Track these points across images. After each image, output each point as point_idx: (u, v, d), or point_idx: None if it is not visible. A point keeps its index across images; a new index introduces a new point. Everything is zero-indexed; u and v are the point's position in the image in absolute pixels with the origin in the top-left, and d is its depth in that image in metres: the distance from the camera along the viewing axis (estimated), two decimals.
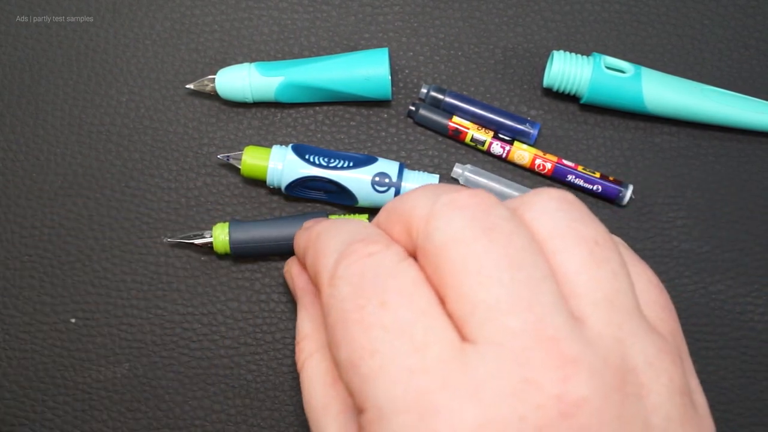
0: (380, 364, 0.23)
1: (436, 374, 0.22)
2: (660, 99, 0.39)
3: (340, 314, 0.25)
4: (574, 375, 0.21)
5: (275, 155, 0.39)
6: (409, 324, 0.23)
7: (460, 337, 0.23)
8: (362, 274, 0.25)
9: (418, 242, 0.25)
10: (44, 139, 0.41)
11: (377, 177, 0.38)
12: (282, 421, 0.40)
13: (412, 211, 0.26)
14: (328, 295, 0.26)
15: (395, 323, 0.23)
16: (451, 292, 0.23)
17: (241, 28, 0.42)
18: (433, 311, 0.23)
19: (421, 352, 0.22)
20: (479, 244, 0.23)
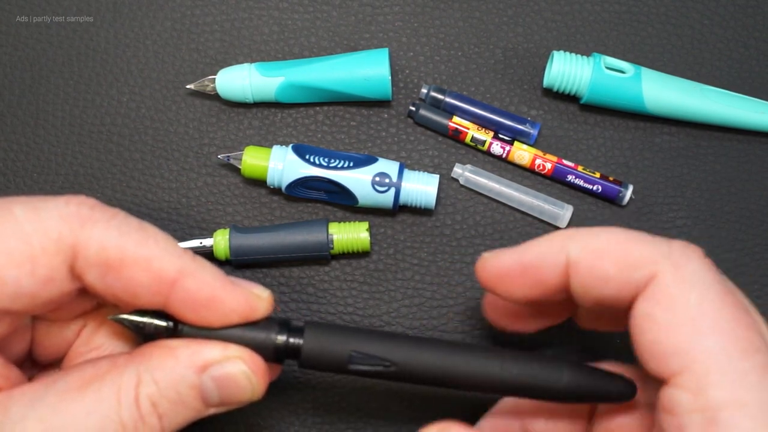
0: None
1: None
2: (660, 99, 0.39)
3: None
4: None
5: (275, 155, 0.39)
6: None
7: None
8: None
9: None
10: (44, 139, 0.41)
11: (377, 177, 0.38)
12: (282, 421, 0.40)
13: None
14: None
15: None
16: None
17: (241, 28, 0.42)
18: None
19: None
20: None
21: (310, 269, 0.40)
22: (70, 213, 0.27)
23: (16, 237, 0.26)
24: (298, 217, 0.41)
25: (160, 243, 0.28)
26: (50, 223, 0.26)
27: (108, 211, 0.28)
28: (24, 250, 0.26)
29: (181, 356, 0.28)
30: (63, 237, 0.26)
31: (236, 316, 0.28)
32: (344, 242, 0.39)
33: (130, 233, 0.27)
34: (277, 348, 0.29)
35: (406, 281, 0.40)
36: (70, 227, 0.26)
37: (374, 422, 0.39)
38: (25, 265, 0.26)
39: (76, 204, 0.27)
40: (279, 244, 0.39)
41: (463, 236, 0.41)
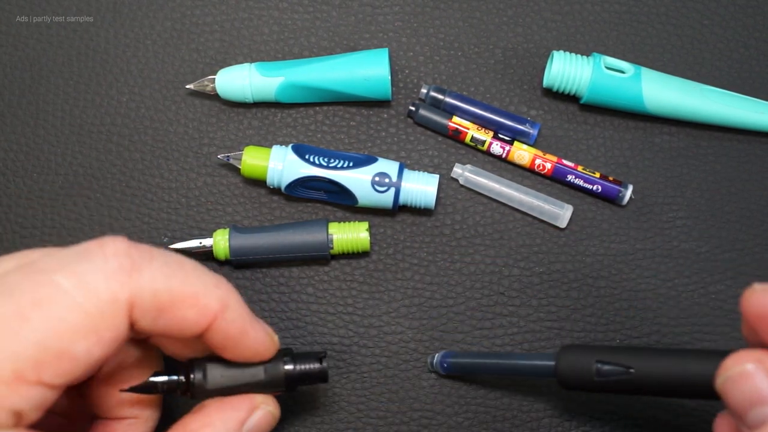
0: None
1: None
2: (660, 99, 0.39)
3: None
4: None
5: (275, 155, 0.39)
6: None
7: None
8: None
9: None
10: (44, 139, 0.41)
11: (377, 177, 0.38)
12: (282, 421, 0.40)
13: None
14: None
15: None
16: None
17: (241, 28, 0.42)
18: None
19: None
20: None
21: (310, 269, 0.40)
22: (113, 269, 0.26)
23: (73, 311, 0.25)
24: (298, 217, 0.41)
25: (201, 277, 0.29)
26: (100, 286, 0.26)
27: (146, 253, 0.27)
28: (85, 322, 0.25)
29: (220, 429, 0.31)
30: (117, 297, 0.26)
31: (261, 351, 0.31)
32: (344, 242, 0.39)
33: (174, 273, 0.28)
34: (288, 375, 0.33)
35: (406, 281, 0.40)
36: (120, 284, 0.26)
37: (374, 422, 0.39)
38: (91, 336, 0.26)
39: (113, 255, 0.27)
40: (279, 244, 0.39)
41: (463, 236, 0.41)
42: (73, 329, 0.25)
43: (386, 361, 0.40)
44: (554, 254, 0.40)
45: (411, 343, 0.40)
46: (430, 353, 0.40)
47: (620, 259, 0.40)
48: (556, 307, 0.40)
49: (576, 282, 0.40)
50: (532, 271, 0.40)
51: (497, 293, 0.40)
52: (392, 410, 0.39)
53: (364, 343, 0.40)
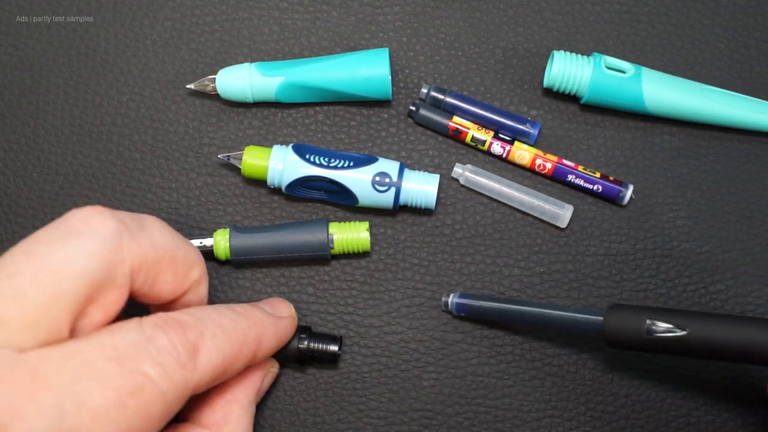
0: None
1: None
2: (660, 99, 0.39)
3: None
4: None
5: (276, 155, 0.39)
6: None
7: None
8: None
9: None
10: (44, 139, 0.41)
11: (377, 177, 0.38)
12: (282, 421, 0.40)
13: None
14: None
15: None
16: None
17: (241, 28, 0.42)
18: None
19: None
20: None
21: (310, 269, 0.40)
22: (182, 357, 0.28)
23: (158, 403, 0.27)
24: (298, 217, 0.41)
25: (239, 328, 0.31)
26: (178, 377, 0.27)
27: (194, 331, 0.29)
28: (162, 408, 0.27)
29: (245, 403, 0.34)
30: (188, 384, 0.28)
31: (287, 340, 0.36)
32: (344, 242, 0.39)
33: (223, 343, 0.30)
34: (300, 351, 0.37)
35: (406, 281, 0.40)
36: (190, 371, 0.28)
37: (374, 422, 0.39)
38: (164, 420, 0.27)
39: (176, 344, 0.28)
40: (279, 244, 0.39)
41: (463, 236, 0.41)
42: (157, 416, 0.27)
43: (386, 361, 0.40)
44: (554, 254, 0.40)
45: (411, 343, 0.40)
46: (430, 353, 0.40)
47: (620, 259, 0.40)
48: None
49: (576, 282, 0.40)
50: (532, 271, 0.40)
51: (497, 293, 0.40)
52: (392, 410, 0.39)
53: (365, 343, 0.40)
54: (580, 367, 0.40)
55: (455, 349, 0.40)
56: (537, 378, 0.40)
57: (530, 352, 0.40)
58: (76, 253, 0.27)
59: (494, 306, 0.38)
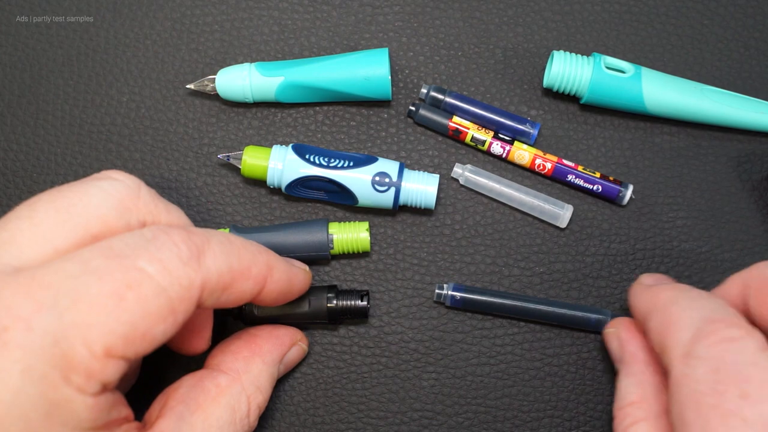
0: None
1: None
2: (660, 99, 0.39)
3: (693, 395, 0.25)
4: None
5: (275, 155, 0.39)
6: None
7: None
8: (722, 359, 0.25)
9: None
10: (45, 139, 0.41)
11: (377, 177, 0.38)
12: (282, 421, 0.40)
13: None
14: (682, 373, 0.26)
15: (758, 417, 0.23)
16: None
17: (241, 28, 0.42)
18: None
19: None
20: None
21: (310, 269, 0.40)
22: (186, 255, 0.27)
23: (159, 296, 0.26)
24: (298, 217, 0.41)
25: (248, 247, 0.31)
26: (180, 273, 0.27)
27: (203, 237, 0.29)
28: (167, 305, 0.27)
29: (268, 359, 0.35)
30: (192, 282, 0.27)
31: (304, 289, 0.36)
32: (344, 242, 0.39)
33: (229, 252, 0.29)
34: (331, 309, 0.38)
35: (406, 281, 0.40)
36: (194, 270, 0.27)
37: (374, 422, 0.39)
38: (169, 319, 0.27)
39: (182, 242, 0.28)
40: (279, 244, 0.39)
41: (463, 236, 0.41)
42: (158, 312, 0.26)
43: (386, 361, 0.40)
44: (554, 254, 0.40)
45: (411, 343, 0.40)
46: (430, 353, 0.40)
47: (620, 259, 0.40)
48: None
49: (576, 282, 0.40)
50: (532, 271, 0.40)
51: None
52: (392, 410, 0.39)
53: (365, 343, 0.40)
54: (579, 367, 0.40)
55: (455, 349, 0.40)
56: (537, 378, 0.40)
57: (530, 352, 0.40)
58: (93, 188, 0.28)
59: (490, 301, 0.39)
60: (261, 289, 0.31)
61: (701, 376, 0.25)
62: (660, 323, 0.29)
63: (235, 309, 0.38)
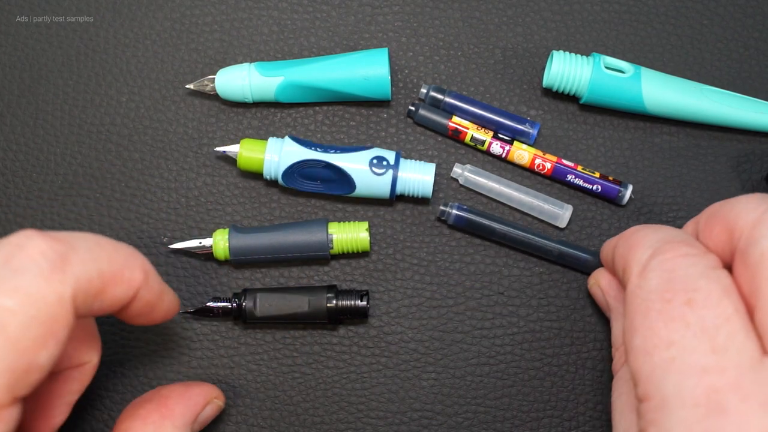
0: (674, 356, 0.24)
1: (731, 377, 0.22)
2: (659, 99, 0.39)
3: (643, 303, 0.25)
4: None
5: (272, 146, 0.39)
6: (713, 326, 0.24)
7: (762, 350, 0.23)
8: (674, 270, 0.26)
9: (739, 246, 0.25)
10: (44, 139, 0.41)
11: (375, 160, 0.38)
12: (282, 421, 0.40)
13: (738, 213, 0.26)
14: (635, 285, 0.27)
15: (698, 322, 0.24)
16: (763, 302, 0.24)
17: (241, 28, 0.42)
18: (738, 320, 0.24)
19: (719, 354, 0.23)
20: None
21: (309, 269, 0.40)
22: (48, 269, 0.25)
23: (29, 327, 0.24)
24: (298, 216, 0.41)
25: (120, 250, 0.29)
26: (44, 292, 0.25)
27: (66, 242, 0.26)
28: (42, 331, 0.25)
29: (179, 423, 0.33)
30: (62, 296, 0.25)
31: (173, 311, 0.33)
32: (344, 242, 0.39)
33: (99, 255, 0.27)
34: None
35: (406, 281, 0.40)
36: (60, 282, 0.25)
37: (374, 422, 0.39)
38: (50, 342, 0.25)
39: (40, 255, 0.25)
40: (279, 244, 0.39)
41: (462, 236, 0.41)
42: (34, 342, 0.24)
43: (386, 361, 0.40)
44: None
45: (411, 343, 0.40)
46: (430, 353, 0.40)
47: None
48: (556, 307, 0.40)
49: (576, 282, 0.40)
50: (531, 271, 0.40)
51: (497, 293, 0.40)
52: (392, 410, 0.39)
53: (365, 343, 0.40)
54: (579, 367, 0.40)
55: (455, 349, 0.40)
56: (537, 378, 0.40)
57: (530, 352, 0.40)
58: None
59: (492, 225, 0.39)
60: (135, 295, 0.29)
61: (653, 286, 0.26)
62: (623, 249, 0.29)
63: (234, 310, 0.38)
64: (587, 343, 0.40)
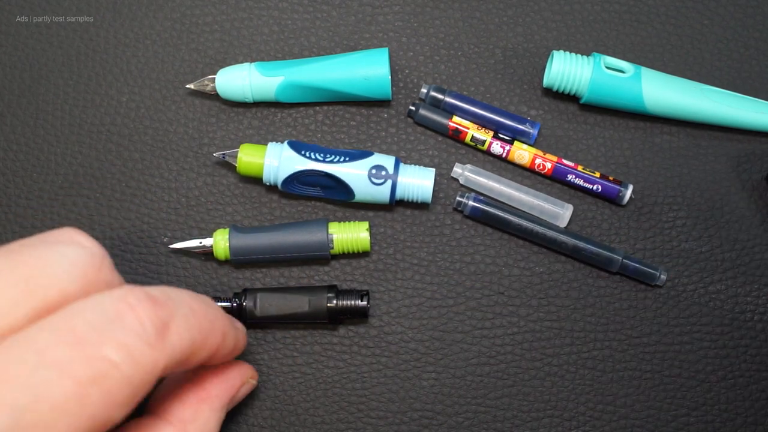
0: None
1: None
2: (660, 99, 0.39)
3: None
4: None
5: (271, 152, 0.39)
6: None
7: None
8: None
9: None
10: (44, 139, 0.41)
11: (373, 170, 0.38)
12: (282, 421, 0.40)
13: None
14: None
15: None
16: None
17: (241, 28, 0.42)
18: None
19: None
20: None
21: (310, 269, 0.40)
22: (151, 335, 0.26)
23: (123, 386, 0.25)
24: (298, 216, 0.41)
25: (207, 314, 0.29)
26: (145, 359, 0.25)
27: (167, 308, 0.27)
28: (131, 393, 0.25)
29: (216, 405, 0.33)
30: (157, 366, 0.26)
31: (241, 350, 0.34)
32: (344, 242, 0.39)
33: (191, 324, 0.28)
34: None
35: (406, 281, 0.40)
36: (159, 351, 0.26)
37: (374, 422, 0.39)
38: (131, 404, 0.26)
39: (147, 319, 0.26)
40: (279, 243, 0.39)
41: (463, 236, 0.41)
42: (121, 402, 0.25)
43: (386, 361, 0.40)
44: (554, 254, 0.40)
45: (411, 343, 0.40)
46: (430, 353, 0.40)
47: None
48: (556, 307, 0.40)
49: (576, 282, 0.40)
50: (532, 271, 0.40)
51: (497, 293, 0.40)
52: (392, 410, 0.39)
53: (365, 343, 0.40)
54: (579, 367, 0.40)
55: (455, 349, 0.40)
56: (537, 378, 0.40)
57: (530, 352, 0.40)
58: (55, 256, 0.26)
59: (508, 218, 0.40)
60: (210, 357, 0.30)
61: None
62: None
63: (235, 309, 0.38)
64: (587, 343, 0.40)
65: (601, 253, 0.39)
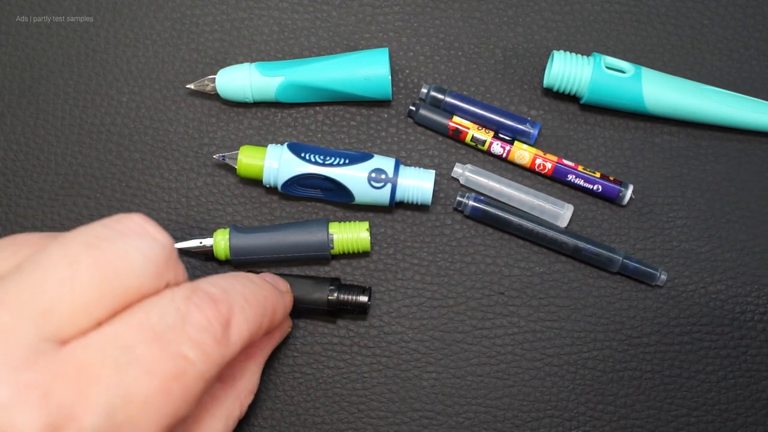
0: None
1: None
2: (660, 99, 0.39)
3: None
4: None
5: (271, 154, 0.39)
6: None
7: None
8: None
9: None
10: (44, 139, 0.41)
11: (373, 173, 0.38)
12: (282, 421, 0.40)
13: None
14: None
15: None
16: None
17: (241, 28, 0.42)
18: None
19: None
20: None
21: (310, 269, 0.40)
22: (218, 335, 0.27)
23: (197, 385, 0.26)
24: (298, 216, 0.41)
25: (260, 300, 0.31)
26: (213, 371, 0.27)
27: (226, 304, 0.28)
28: (201, 389, 0.27)
29: (260, 360, 0.35)
30: (221, 364, 0.27)
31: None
32: (344, 242, 0.39)
33: (249, 316, 0.29)
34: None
35: (406, 281, 0.40)
36: (224, 348, 0.27)
37: (374, 422, 0.39)
38: (196, 400, 0.27)
39: (214, 320, 0.27)
40: (279, 243, 0.39)
41: (463, 236, 0.41)
42: (195, 397, 0.26)
43: (386, 361, 0.40)
44: (554, 254, 0.40)
45: (411, 343, 0.40)
46: (430, 353, 0.40)
47: None
48: (556, 307, 0.40)
49: (576, 282, 0.40)
50: (532, 271, 0.40)
51: (497, 293, 0.40)
52: (392, 410, 0.39)
53: (365, 343, 0.40)
54: (580, 367, 0.40)
55: (455, 349, 0.40)
56: (537, 378, 0.40)
57: (530, 352, 0.40)
58: (133, 252, 0.26)
59: (508, 218, 0.40)
60: (264, 333, 0.32)
61: None
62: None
63: None
64: (587, 343, 0.40)
65: (602, 253, 0.39)
